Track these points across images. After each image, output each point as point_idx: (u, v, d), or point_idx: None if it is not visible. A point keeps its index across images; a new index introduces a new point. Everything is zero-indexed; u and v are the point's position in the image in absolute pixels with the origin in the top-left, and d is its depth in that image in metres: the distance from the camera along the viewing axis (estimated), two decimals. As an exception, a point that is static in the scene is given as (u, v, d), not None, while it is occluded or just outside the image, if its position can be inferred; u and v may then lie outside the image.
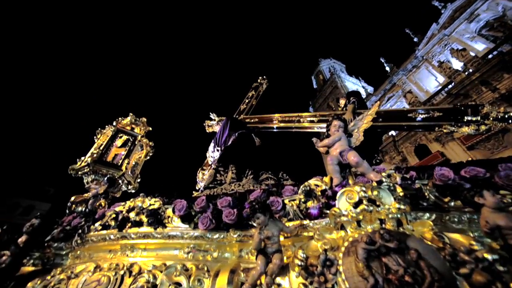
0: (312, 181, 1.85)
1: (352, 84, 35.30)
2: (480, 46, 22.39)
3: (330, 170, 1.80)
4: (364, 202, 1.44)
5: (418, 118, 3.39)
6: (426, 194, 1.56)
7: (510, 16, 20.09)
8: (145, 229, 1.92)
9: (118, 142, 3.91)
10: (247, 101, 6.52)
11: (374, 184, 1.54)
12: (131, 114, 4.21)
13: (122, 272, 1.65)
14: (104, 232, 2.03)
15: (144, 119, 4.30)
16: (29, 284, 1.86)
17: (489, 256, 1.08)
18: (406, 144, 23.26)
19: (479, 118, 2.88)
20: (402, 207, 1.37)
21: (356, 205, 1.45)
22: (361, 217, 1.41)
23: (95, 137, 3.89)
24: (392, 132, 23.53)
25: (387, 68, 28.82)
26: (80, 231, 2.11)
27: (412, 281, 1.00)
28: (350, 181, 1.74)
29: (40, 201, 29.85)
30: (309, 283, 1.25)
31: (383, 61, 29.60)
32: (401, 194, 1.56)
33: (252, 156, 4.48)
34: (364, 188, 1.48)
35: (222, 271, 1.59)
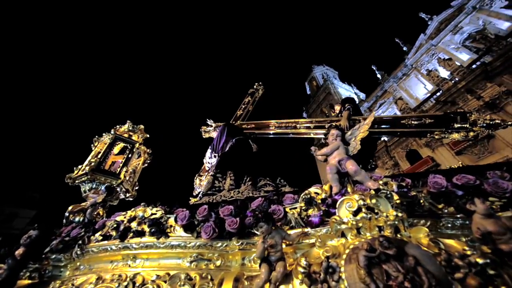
0: (312, 189, 1.91)
1: (345, 90, 36.12)
2: (464, 57, 23.52)
3: (330, 178, 1.87)
4: (363, 210, 1.51)
5: (411, 125, 3.54)
6: (421, 201, 1.64)
7: (490, 30, 21.27)
8: (148, 239, 1.92)
9: (115, 149, 3.88)
10: (243, 107, 6.61)
11: (372, 192, 1.61)
12: (128, 121, 4.20)
13: (125, 283, 1.64)
14: (105, 242, 2.02)
15: (142, 126, 4.30)
16: (26, 298, 1.82)
17: (481, 261, 1.15)
18: (398, 149, 23.85)
19: (467, 125, 3.04)
20: (399, 214, 1.44)
21: (355, 213, 1.51)
22: (360, 224, 1.48)
23: (92, 144, 3.85)
24: (384, 138, 24.09)
25: (379, 76, 29.73)
26: (80, 242, 2.08)
27: (412, 287, 1.06)
28: (349, 189, 1.81)
29: (24, 208, 28.64)
30: (313, 290, 1.29)
31: (374, 68, 30.53)
32: (398, 201, 1.64)
33: (249, 162, 4.52)
34: (363, 197, 1.55)
35: (226, 280, 1.61)
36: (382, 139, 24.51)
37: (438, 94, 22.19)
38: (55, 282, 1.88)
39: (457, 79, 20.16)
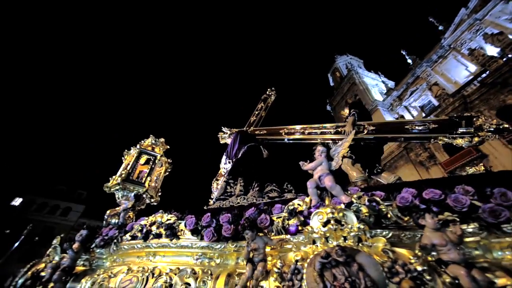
0: (296, 201, 2.20)
1: (371, 79, 33.89)
2: (521, 28, 20.22)
3: (309, 192, 2.13)
4: (332, 222, 1.76)
5: (414, 130, 3.50)
6: (388, 214, 1.82)
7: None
8: (164, 240, 2.42)
9: (142, 160, 4.59)
10: (256, 113, 6.94)
11: (342, 206, 1.85)
12: (151, 136, 4.89)
13: (147, 274, 2.16)
14: (133, 242, 2.59)
15: (162, 140, 4.95)
16: (82, 280, 2.47)
17: (419, 267, 1.35)
18: (434, 140, 21.78)
19: (472, 130, 2.95)
20: (362, 226, 1.67)
21: (325, 224, 1.78)
22: (328, 234, 1.74)
23: (123, 157, 4.62)
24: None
25: (409, 61, 27.24)
26: (115, 240, 2.70)
27: (350, 287, 1.33)
28: (327, 202, 2.06)
29: (76, 203, 33.31)
30: (282, 286, 1.61)
31: (404, 53, 28.04)
32: (366, 214, 1.85)
33: (260, 168, 4.86)
34: (333, 210, 1.80)
35: (222, 275, 2.01)
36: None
37: (484, 75, 19.64)
38: (100, 270, 2.51)
39: (510, 55, 17.58)
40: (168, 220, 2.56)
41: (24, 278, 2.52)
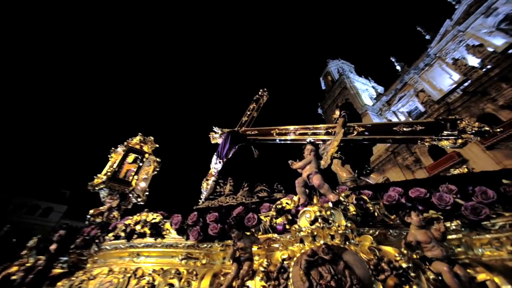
0: (284, 200, 2.18)
1: (362, 84, 34.76)
2: (499, 41, 21.44)
3: (298, 191, 2.11)
4: (319, 220, 1.75)
5: (402, 132, 3.59)
6: (375, 213, 1.83)
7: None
8: (148, 239, 2.34)
9: (129, 158, 4.43)
10: (248, 113, 6.91)
11: (330, 204, 1.84)
12: (140, 134, 4.75)
13: (129, 275, 2.06)
14: (116, 241, 2.47)
15: (151, 138, 4.82)
16: (59, 283, 2.33)
17: (404, 265, 1.36)
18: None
19: (456, 132, 3.05)
20: (349, 225, 1.67)
21: (312, 222, 1.76)
22: (315, 233, 1.72)
23: (109, 155, 4.45)
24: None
25: (398, 68, 28.18)
26: (97, 240, 2.57)
27: (336, 285, 1.31)
28: (315, 200, 2.05)
29: (58, 203, 31.89)
30: (268, 286, 1.58)
31: (393, 60, 28.96)
32: (354, 212, 1.85)
33: (251, 168, 4.83)
34: (321, 209, 1.79)
35: (207, 275, 1.95)
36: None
37: (466, 84, 20.59)
38: (79, 272, 2.38)
39: (489, 66, 18.54)
40: (153, 219, 2.48)
41: (-6, 281, 2.36)
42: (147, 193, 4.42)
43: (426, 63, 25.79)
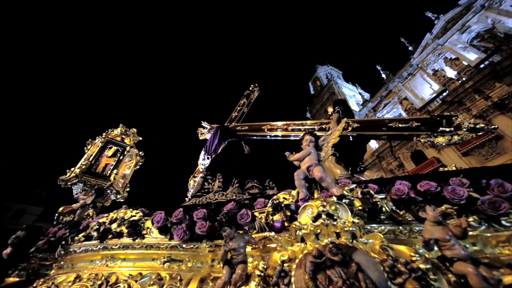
0: (281, 194, 1.97)
1: (349, 90, 35.77)
2: (472, 56, 23.02)
3: (297, 184, 1.92)
4: (323, 216, 1.55)
5: (398, 128, 3.54)
6: (383, 208, 1.67)
7: (499, 29, 20.76)
8: (125, 240, 2.02)
9: (109, 152, 4.03)
10: (238, 108, 6.69)
11: (334, 199, 1.66)
12: (121, 125, 4.36)
13: (99, 282, 1.74)
14: (86, 243, 2.13)
15: (134, 130, 4.45)
16: (13, 294, 1.95)
17: (423, 266, 1.19)
18: (403, 149, 23.47)
19: (452, 129, 3.03)
20: (356, 221, 1.48)
21: (315, 219, 1.56)
22: (319, 230, 1.52)
23: (85, 148, 4.02)
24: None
25: (383, 75, 29.35)
26: (63, 242, 2.20)
27: (348, 291, 1.11)
28: (316, 195, 1.86)
29: (31, 205, 29.56)
30: (265, 293, 1.35)
31: (379, 68, 30.14)
32: (360, 208, 1.68)
33: (241, 164, 4.58)
34: (324, 203, 1.60)
35: (193, 280, 1.69)
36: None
37: (444, 94, 21.80)
38: (39, 281, 2.00)
39: (464, 78, 19.77)
40: (132, 216, 2.17)
41: None
42: (127, 189, 4.04)
43: (409, 72, 27.05)
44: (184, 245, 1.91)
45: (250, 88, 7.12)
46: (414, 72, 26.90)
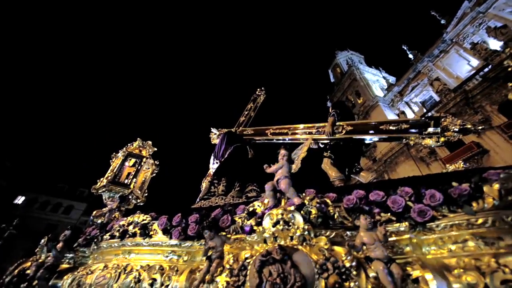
0: (256, 203, 2.34)
1: (372, 75, 33.53)
2: (522, 22, 19.85)
3: (267, 194, 2.27)
4: (280, 222, 1.89)
5: (388, 130, 3.59)
6: (335, 215, 1.95)
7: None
8: (138, 239, 2.60)
9: (129, 163, 4.79)
10: (246, 113, 7.05)
11: (292, 208, 1.98)
12: (139, 139, 5.09)
13: (119, 270, 2.33)
14: (111, 240, 2.77)
15: (150, 142, 5.15)
16: (65, 277, 2.66)
17: (348, 264, 1.49)
18: (435, 136, 21.61)
19: (439, 130, 3.02)
20: (306, 227, 1.80)
21: (274, 224, 1.91)
22: (276, 234, 1.87)
23: (111, 160, 4.83)
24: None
25: (410, 56, 26.86)
26: (96, 240, 2.89)
27: (281, 282, 1.46)
28: (282, 204, 2.19)
29: (77, 201, 34.59)
30: (230, 281, 1.76)
31: (405, 48, 27.65)
32: (315, 215, 1.98)
33: (244, 168, 5.00)
34: (283, 212, 1.94)
35: (185, 271, 2.17)
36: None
37: (486, 70, 19.35)
38: (81, 267, 2.70)
39: (513, 48, 17.25)
40: (143, 220, 2.73)
41: (11, 276, 2.73)
42: (146, 194, 4.76)
43: (441, 49, 24.39)
44: (181, 244, 2.40)
45: (257, 92, 7.42)
46: (447, 49, 24.18)
